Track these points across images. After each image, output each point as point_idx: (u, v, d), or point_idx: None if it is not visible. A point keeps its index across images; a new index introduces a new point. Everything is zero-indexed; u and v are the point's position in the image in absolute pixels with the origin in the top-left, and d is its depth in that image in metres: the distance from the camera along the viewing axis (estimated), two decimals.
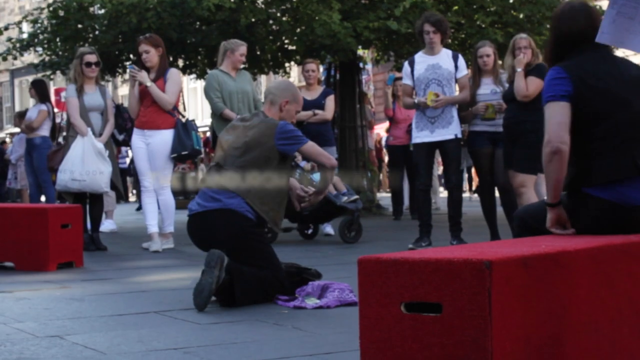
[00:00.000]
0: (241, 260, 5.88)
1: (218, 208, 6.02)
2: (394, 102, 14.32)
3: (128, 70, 10.03)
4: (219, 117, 9.94)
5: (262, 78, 33.76)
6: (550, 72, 4.43)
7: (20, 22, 16.57)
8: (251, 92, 10.20)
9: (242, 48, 10.13)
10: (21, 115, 15.34)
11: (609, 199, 4.23)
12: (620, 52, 4.80)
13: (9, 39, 16.08)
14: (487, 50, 9.43)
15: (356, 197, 10.34)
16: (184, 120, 9.58)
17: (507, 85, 9.09)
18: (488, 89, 9.38)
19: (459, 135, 9.37)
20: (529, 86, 8.67)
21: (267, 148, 6.12)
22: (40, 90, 13.19)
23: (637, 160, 4.27)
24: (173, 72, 9.64)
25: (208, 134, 25.50)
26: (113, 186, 9.93)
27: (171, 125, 9.46)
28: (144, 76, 9.37)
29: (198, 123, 11.75)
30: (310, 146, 6.26)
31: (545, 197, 4.41)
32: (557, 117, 4.29)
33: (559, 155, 4.24)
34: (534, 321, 3.32)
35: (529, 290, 3.31)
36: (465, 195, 19.82)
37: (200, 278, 5.64)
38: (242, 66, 10.23)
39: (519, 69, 8.71)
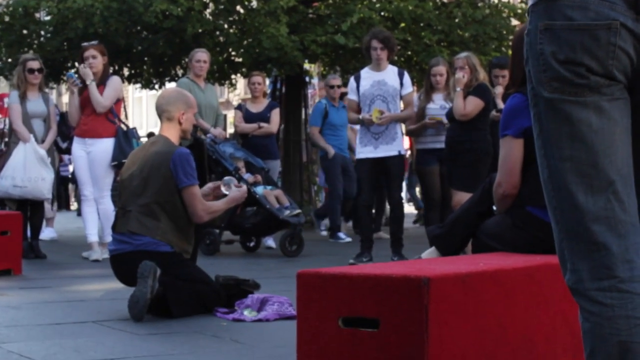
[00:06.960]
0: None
1: (130, 250, 5.95)
2: None
3: (67, 78, 9.98)
4: None
5: None
6: (513, 100, 4.48)
7: None
8: (216, 107, 10.75)
9: (198, 55, 10.68)
10: None
11: (549, 221, 4.28)
12: None
13: None
14: (440, 69, 9.61)
15: (298, 211, 10.35)
16: (125, 128, 9.53)
17: None
18: (438, 104, 9.55)
19: (402, 152, 9.46)
20: (466, 105, 8.76)
21: (166, 178, 6.03)
22: None
23: None
24: (113, 79, 9.63)
25: None
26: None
27: (112, 134, 9.40)
28: (87, 72, 9.30)
29: (142, 132, 11.73)
30: (195, 190, 6.09)
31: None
32: (510, 161, 4.48)
33: (510, 199, 4.52)
34: (471, 338, 3.35)
35: (466, 307, 3.34)
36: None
37: (135, 289, 5.60)
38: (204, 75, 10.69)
39: (458, 89, 8.82)
